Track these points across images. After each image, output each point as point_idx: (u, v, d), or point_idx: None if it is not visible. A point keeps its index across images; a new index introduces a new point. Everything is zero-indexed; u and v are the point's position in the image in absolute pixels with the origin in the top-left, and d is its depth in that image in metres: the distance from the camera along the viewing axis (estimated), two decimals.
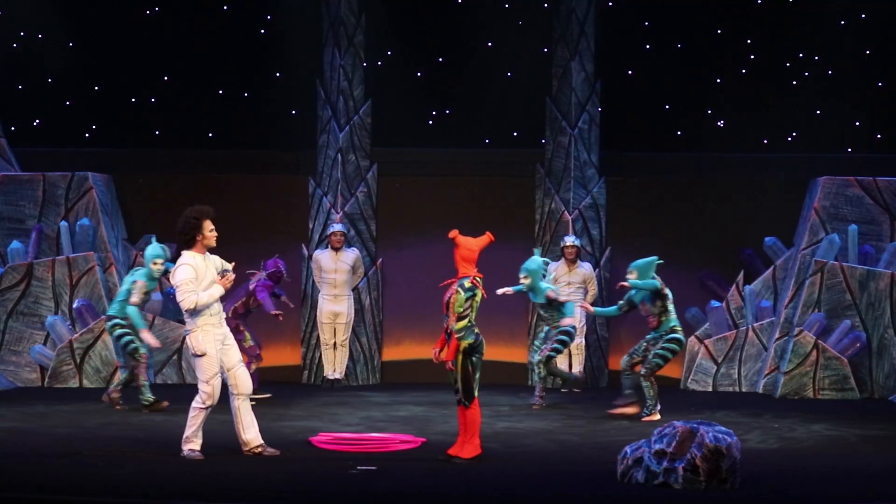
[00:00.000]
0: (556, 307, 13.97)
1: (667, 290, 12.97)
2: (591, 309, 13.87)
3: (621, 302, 13.33)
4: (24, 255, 15.66)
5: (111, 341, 15.28)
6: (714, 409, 13.49)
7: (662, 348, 12.94)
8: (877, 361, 15.24)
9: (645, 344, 13.09)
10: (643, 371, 13.00)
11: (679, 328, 13.03)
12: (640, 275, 12.96)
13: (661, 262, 13.13)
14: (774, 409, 13.76)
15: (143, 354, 13.28)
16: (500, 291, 14.18)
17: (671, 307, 12.99)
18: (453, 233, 10.19)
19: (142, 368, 13.29)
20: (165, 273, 13.74)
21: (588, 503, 8.76)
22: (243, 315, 14.11)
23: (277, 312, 14.10)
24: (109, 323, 13.49)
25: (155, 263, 13.35)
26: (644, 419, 12.77)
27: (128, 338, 13.30)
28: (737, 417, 12.83)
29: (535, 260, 14.05)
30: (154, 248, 13.46)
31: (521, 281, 13.93)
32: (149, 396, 13.22)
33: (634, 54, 16.85)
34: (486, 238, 10.24)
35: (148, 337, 13.23)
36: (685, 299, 15.98)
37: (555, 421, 12.76)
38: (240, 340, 10.65)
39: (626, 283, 13.07)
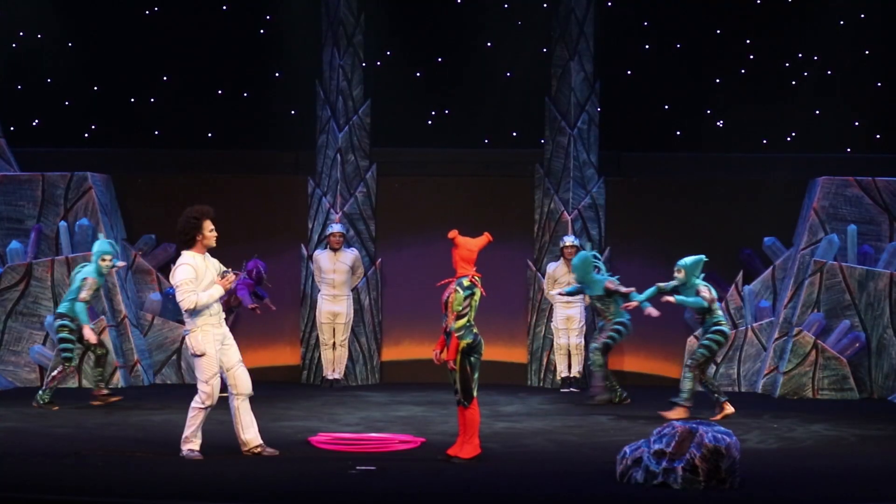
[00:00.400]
0: (614, 298, 13.98)
1: (713, 293, 13.01)
2: (635, 303, 13.70)
3: (662, 284, 13.26)
4: (24, 256, 15.65)
5: (109, 343, 15.32)
6: (713, 409, 13.50)
7: (708, 339, 13.00)
8: (876, 361, 15.25)
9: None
10: (689, 361, 13.10)
11: (724, 321, 13.07)
12: (687, 273, 13.02)
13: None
14: (773, 409, 13.76)
15: (70, 366, 13.53)
16: (553, 292, 14.38)
17: (716, 306, 13.03)
18: (452, 233, 10.19)
19: (59, 375, 13.48)
20: (112, 268, 13.82)
21: (587, 503, 8.76)
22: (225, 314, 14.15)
23: (254, 306, 14.27)
24: (58, 322, 13.60)
25: (103, 260, 13.54)
26: (665, 412, 12.82)
27: (66, 344, 13.48)
28: (736, 417, 12.82)
29: (580, 255, 14.17)
30: (102, 244, 13.66)
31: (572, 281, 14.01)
32: (45, 397, 13.35)
33: (634, 54, 16.85)
34: (485, 238, 10.25)
35: (88, 332, 13.38)
36: None
37: (554, 421, 12.76)
38: None
39: (671, 299, 13.04)
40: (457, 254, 10.13)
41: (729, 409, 12.89)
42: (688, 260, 13.10)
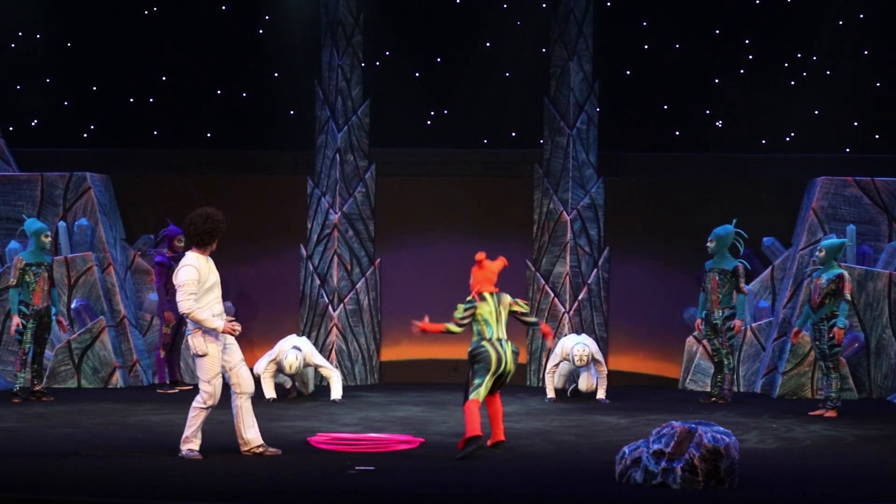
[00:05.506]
0: (733, 282, 14.09)
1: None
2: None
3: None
4: None
5: (108, 341, 15.34)
6: (712, 410, 13.51)
7: (831, 338, 13.08)
8: (875, 361, 15.25)
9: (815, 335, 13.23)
10: (830, 364, 13.10)
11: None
12: (828, 255, 13.12)
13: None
14: (772, 409, 13.77)
15: (21, 348, 13.84)
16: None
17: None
18: (480, 255, 10.64)
19: (17, 360, 13.92)
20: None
21: (586, 503, 8.76)
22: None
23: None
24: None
25: (46, 236, 13.99)
26: (826, 414, 12.91)
27: (20, 328, 13.83)
28: (735, 417, 12.84)
29: (724, 227, 14.25)
30: (33, 223, 14.11)
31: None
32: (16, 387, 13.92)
33: (633, 54, 16.86)
34: (501, 262, 10.71)
35: (15, 320, 13.75)
36: (683, 299, 16.00)
37: (553, 421, 12.76)
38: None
39: (839, 332, 12.97)
40: (479, 274, 10.55)
41: (829, 414, 12.99)
42: (827, 242, 13.29)
